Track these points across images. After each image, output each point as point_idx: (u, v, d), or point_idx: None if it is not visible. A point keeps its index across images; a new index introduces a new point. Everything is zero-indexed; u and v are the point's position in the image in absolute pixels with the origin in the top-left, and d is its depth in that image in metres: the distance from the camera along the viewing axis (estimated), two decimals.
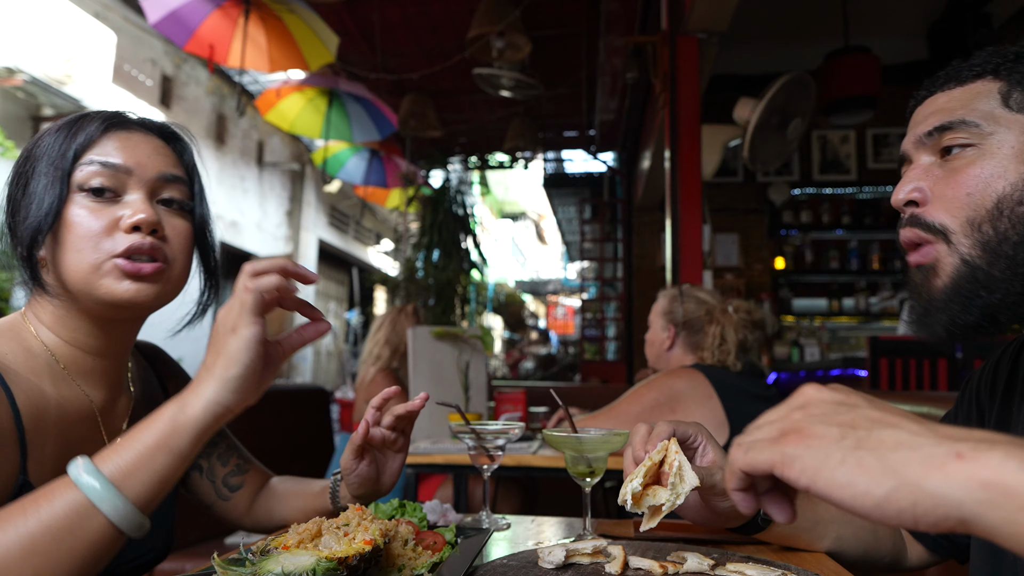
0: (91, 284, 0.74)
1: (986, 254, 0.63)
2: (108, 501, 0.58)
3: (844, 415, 0.43)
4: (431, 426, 2.06)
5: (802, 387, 0.49)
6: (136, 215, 0.75)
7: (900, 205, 0.70)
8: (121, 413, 0.85)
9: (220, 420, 0.64)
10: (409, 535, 0.72)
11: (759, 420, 0.49)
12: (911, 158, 0.71)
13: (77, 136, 0.76)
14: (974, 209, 0.64)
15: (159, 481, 0.61)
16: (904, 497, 0.38)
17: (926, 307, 0.67)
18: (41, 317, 0.79)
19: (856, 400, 0.45)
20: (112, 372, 0.83)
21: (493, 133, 6.86)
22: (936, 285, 0.66)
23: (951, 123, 0.66)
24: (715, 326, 1.68)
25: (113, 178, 0.76)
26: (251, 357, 0.64)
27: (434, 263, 6.47)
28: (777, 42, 5.19)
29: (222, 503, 0.99)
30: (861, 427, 0.42)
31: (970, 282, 0.63)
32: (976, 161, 0.64)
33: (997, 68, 0.66)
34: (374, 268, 11.34)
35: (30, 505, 0.57)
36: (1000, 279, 0.62)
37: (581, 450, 0.85)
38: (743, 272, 5.94)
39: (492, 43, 4.31)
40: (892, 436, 0.40)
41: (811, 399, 0.46)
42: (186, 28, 3.81)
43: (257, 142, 8.49)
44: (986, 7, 4.49)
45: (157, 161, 0.80)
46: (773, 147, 3.21)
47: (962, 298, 0.64)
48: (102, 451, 0.61)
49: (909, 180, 0.69)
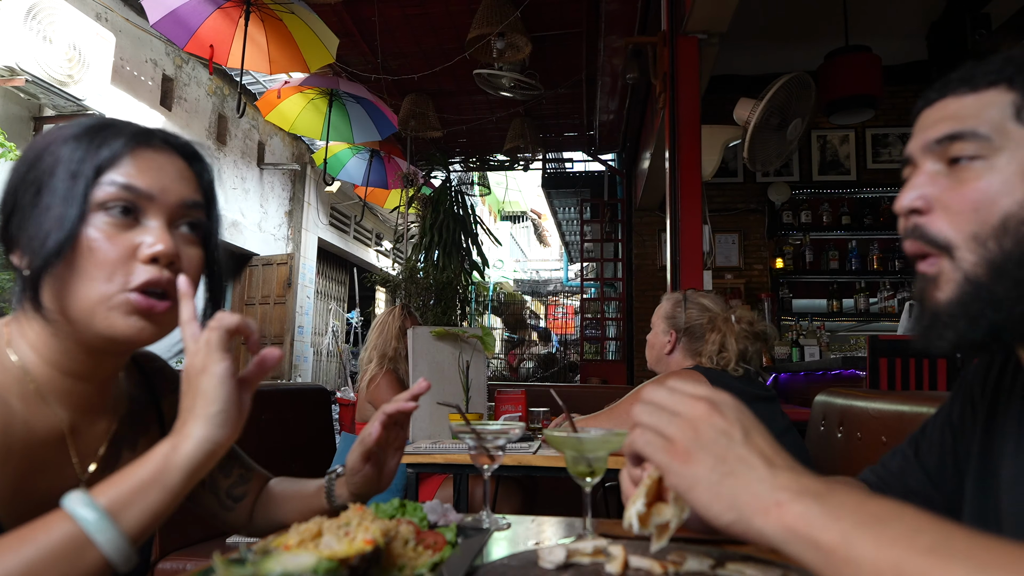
0: (95, 315, 0.71)
1: (990, 272, 0.61)
2: (103, 533, 0.58)
3: (722, 447, 0.53)
4: (431, 426, 2.06)
5: (706, 398, 0.57)
6: (155, 246, 0.72)
7: (903, 212, 0.68)
8: (100, 435, 0.82)
9: (212, 457, 0.64)
10: (410, 535, 0.72)
11: (668, 402, 0.58)
12: (916, 162, 0.70)
13: (100, 150, 0.73)
14: (979, 224, 0.62)
15: (152, 515, 0.61)
16: (740, 528, 0.50)
17: (932, 319, 0.66)
18: (24, 333, 0.75)
19: (735, 432, 0.54)
20: (92, 395, 0.79)
21: (493, 133, 6.86)
22: (939, 298, 0.65)
23: (962, 133, 0.64)
24: (716, 334, 1.68)
25: (135, 202, 0.73)
26: (228, 391, 0.65)
27: (434, 263, 6.47)
28: (777, 42, 5.19)
29: (225, 513, 0.99)
30: (729, 462, 0.52)
31: (975, 300, 0.62)
32: (984, 175, 0.63)
33: (1012, 78, 0.64)
34: (374, 268, 11.34)
35: (27, 535, 0.57)
36: (1004, 298, 0.61)
37: (581, 450, 0.85)
38: (743, 272, 5.94)
39: (492, 43, 4.31)
40: (746, 476, 0.51)
41: (704, 421, 0.55)
42: (186, 28, 3.81)
43: (258, 142, 8.50)
44: (985, 7, 4.49)
45: (180, 187, 0.77)
46: (773, 147, 3.21)
47: (968, 316, 0.63)
48: (98, 485, 0.61)
49: (914, 186, 0.68)
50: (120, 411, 0.85)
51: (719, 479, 0.51)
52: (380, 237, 12.24)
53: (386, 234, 12.27)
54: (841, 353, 5.14)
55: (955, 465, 0.83)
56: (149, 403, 0.92)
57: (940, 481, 0.85)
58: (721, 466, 0.51)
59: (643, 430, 0.57)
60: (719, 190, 5.88)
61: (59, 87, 4.95)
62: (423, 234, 6.64)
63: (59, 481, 0.77)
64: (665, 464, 0.54)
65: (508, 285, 15.73)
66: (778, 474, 0.50)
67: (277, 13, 3.83)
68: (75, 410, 0.78)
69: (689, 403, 0.57)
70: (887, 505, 0.47)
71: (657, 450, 0.55)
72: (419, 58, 5.32)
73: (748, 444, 0.53)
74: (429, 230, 6.58)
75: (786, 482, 0.50)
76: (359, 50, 5.25)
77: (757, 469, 0.51)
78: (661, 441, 0.55)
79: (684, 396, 0.58)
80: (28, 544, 0.56)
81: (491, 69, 4.70)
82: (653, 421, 0.57)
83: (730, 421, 0.55)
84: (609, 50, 5.00)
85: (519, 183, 16.72)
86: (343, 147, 5.99)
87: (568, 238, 12.15)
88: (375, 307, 10.80)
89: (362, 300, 10.33)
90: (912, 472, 0.89)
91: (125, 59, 6.10)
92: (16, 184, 0.74)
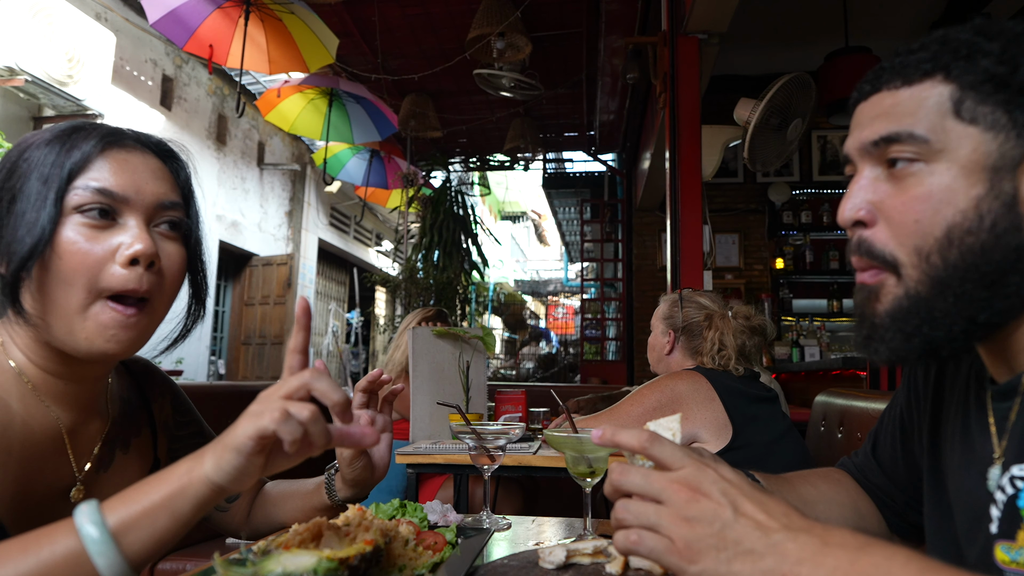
0: (74, 327, 0.71)
1: (933, 287, 0.59)
2: (104, 556, 0.56)
3: (716, 534, 0.52)
4: (432, 426, 2.06)
5: (682, 480, 0.56)
6: (134, 246, 0.71)
7: (847, 224, 0.65)
8: (94, 435, 0.81)
9: (223, 493, 0.60)
10: (410, 535, 0.72)
11: (647, 490, 0.56)
12: (855, 164, 0.67)
13: (71, 153, 0.72)
14: (922, 238, 0.59)
15: (156, 542, 0.59)
16: None
17: (869, 332, 0.64)
18: (13, 337, 0.75)
19: (724, 512, 0.53)
20: (85, 395, 0.79)
21: (493, 133, 6.86)
22: (877, 310, 0.63)
23: (898, 135, 0.61)
24: (713, 331, 1.68)
25: (111, 204, 0.73)
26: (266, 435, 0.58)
27: (434, 263, 6.48)
28: (777, 42, 5.19)
29: (219, 514, 0.98)
30: (728, 547, 0.52)
31: (912, 316, 0.60)
32: (924, 180, 0.60)
33: (948, 67, 0.60)
34: (374, 268, 11.34)
35: (32, 543, 0.56)
36: (942, 315, 0.59)
37: (581, 450, 0.85)
38: (743, 272, 5.94)
39: (492, 44, 4.32)
40: (748, 557, 0.51)
41: (692, 510, 0.54)
42: (186, 28, 3.81)
43: (258, 142, 8.50)
44: (986, 8, 4.49)
45: (155, 187, 0.76)
46: (773, 147, 3.21)
47: (903, 332, 0.61)
48: (110, 499, 0.59)
49: (855, 195, 0.65)
50: (112, 412, 0.85)
51: (726, 568, 0.51)
52: (380, 237, 12.24)
53: (386, 234, 12.27)
54: (841, 353, 5.13)
55: (906, 460, 0.83)
56: (140, 406, 0.92)
57: (895, 477, 0.86)
58: (723, 553, 0.51)
59: (637, 532, 0.55)
60: (719, 190, 5.88)
61: (59, 87, 4.96)
62: (423, 234, 6.65)
63: (57, 480, 0.77)
64: (675, 565, 0.53)
65: (508, 285, 15.74)
66: (776, 544, 0.50)
67: (277, 13, 3.83)
68: (70, 410, 0.78)
69: (669, 490, 0.55)
70: (876, 560, 0.47)
71: (663, 553, 0.54)
72: (419, 58, 5.32)
73: (740, 520, 0.52)
74: (429, 230, 6.59)
75: (784, 550, 0.50)
76: (359, 50, 5.25)
77: (756, 545, 0.51)
78: (663, 543, 0.54)
79: (659, 481, 0.56)
80: (30, 555, 0.55)
81: (491, 69, 4.70)
82: (642, 520, 0.55)
83: (715, 499, 0.53)
84: (609, 50, 5.00)
85: (519, 183, 16.74)
86: (343, 147, 5.98)
87: (568, 238, 12.16)
88: (375, 307, 10.80)
89: (362, 300, 10.32)
90: (871, 469, 0.89)
91: (125, 59, 6.10)
92: None
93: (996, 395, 0.64)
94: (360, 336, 9.37)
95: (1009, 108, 0.58)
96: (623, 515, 0.57)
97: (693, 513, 0.53)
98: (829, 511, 0.84)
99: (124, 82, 6.11)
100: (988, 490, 0.61)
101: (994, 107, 0.58)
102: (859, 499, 0.88)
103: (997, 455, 0.62)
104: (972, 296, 0.58)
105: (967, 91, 0.59)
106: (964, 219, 0.58)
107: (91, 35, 5.24)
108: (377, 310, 10.69)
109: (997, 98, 0.58)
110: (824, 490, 0.88)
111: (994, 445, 0.63)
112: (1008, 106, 0.58)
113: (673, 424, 0.70)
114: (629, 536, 0.56)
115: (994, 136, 0.58)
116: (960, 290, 0.58)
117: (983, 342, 0.64)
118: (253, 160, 8.37)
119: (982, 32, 0.60)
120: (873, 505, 0.88)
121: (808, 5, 4.64)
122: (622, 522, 0.57)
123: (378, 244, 12.12)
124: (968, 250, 0.58)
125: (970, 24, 0.62)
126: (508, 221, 18.83)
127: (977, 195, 0.58)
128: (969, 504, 0.64)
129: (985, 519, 0.61)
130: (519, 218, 19.46)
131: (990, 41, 0.59)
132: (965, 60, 0.59)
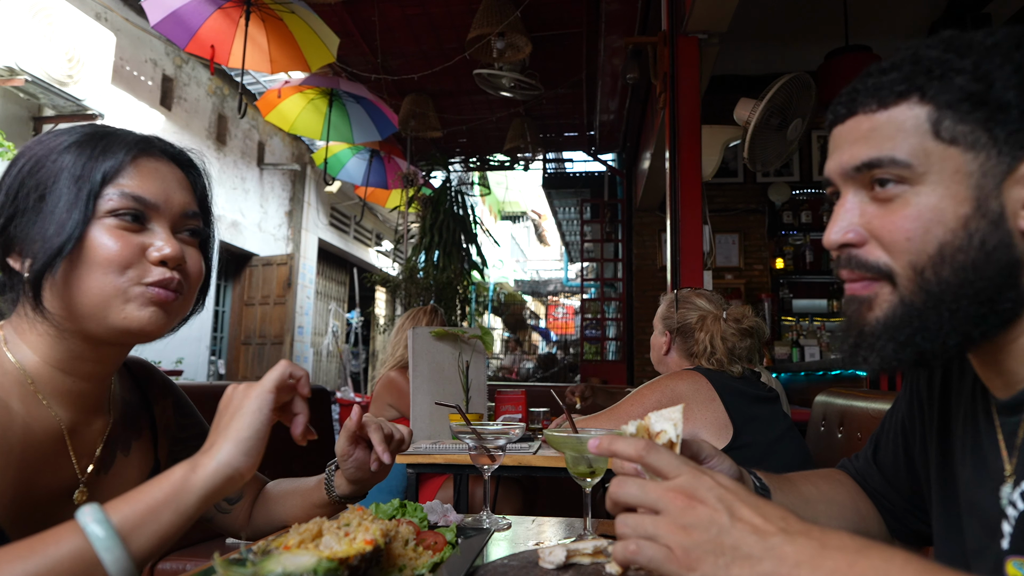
0: (110, 307, 0.74)
1: (928, 300, 0.59)
2: (110, 552, 0.57)
3: (713, 540, 0.53)
4: (431, 426, 2.06)
5: (678, 488, 0.56)
6: (164, 249, 0.76)
7: (834, 247, 0.65)
8: (96, 435, 0.82)
9: (230, 483, 0.65)
10: (410, 535, 0.72)
11: (643, 500, 0.57)
12: (838, 188, 0.66)
13: (104, 159, 0.75)
14: (916, 255, 0.59)
15: (161, 538, 0.61)
16: None
17: (858, 339, 0.63)
18: (23, 335, 0.76)
19: (720, 517, 0.53)
20: (90, 394, 0.81)
21: (493, 133, 6.86)
22: (869, 319, 0.63)
23: (879, 160, 0.60)
24: (704, 334, 1.68)
25: (143, 211, 0.77)
26: (262, 423, 0.68)
27: (434, 263, 6.47)
28: (777, 42, 5.19)
29: (221, 516, 0.99)
30: (726, 552, 0.52)
31: (907, 325, 0.60)
32: (911, 201, 0.59)
33: (923, 88, 0.59)
34: (374, 268, 11.34)
35: (38, 544, 0.57)
36: (937, 328, 0.59)
37: (582, 450, 0.85)
38: (743, 272, 5.94)
39: (492, 43, 4.31)
40: (746, 562, 0.51)
41: (688, 517, 0.54)
42: (187, 29, 3.81)
43: (258, 142, 8.50)
44: (986, 7, 4.49)
45: (181, 196, 0.81)
46: (773, 148, 3.20)
47: (897, 341, 0.60)
48: (113, 500, 0.61)
49: (841, 219, 0.64)
50: (115, 413, 0.86)
51: (725, 573, 0.51)
52: (380, 237, 12.24)
53: (386, 234, 12.27)
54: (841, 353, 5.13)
55: (907, 466, 0.83)
56: (142, 407, 0.92)
57: (896, 482, 0.85)
58: (721, 559, 0.52)
59: (635, 542, 0.56)
60: (719, 190, 5.88)
61: (59, 87, 4.96)
62: (423, 234, 6.65)
63: (58, 481, 0.77)
64: (675, 573, 0.54)
65: (508, 285, 15.73)
66: (774, 547, 0.51)
67: (277, 13, 3.83)
68: (73, 410, 0.79)
69: (665, 498, 0.55)
70: (875, 563, 0.47)
71: (662, 562, 0.54)
72: (419, 58, 5.32)
73: (736, 525, 0.52)
74: (429, 230, 6.59)
75: (781, 553, 0.50)
76: (359, 50, 5.25)
77: (753, 550, 0.51)
78: (662, 552, 0.54)
79: (656, 491, 0.56)
80: (37, 555, 0.56)
81: (491, 69, 4.70)
82: (640, 531, 0.56)
83: (711, 506, 0.54)
84: (609, 50, 5.00)
85: (519, 183, 16.73)
86: (343, 147, 5.98)
87: (568, 238, 12.16)
88: (375, 307, 10.80)
89: (362, 300, 10.32)
90: (872, 474, 0.89)
91: (125, 59, 6.10)
92: (16, 189, 0.75)
93: (1002, 409, 0.64)
94: (360, 336, 9.37)
95: (988, 126, 0.57)
96: (622, 529, 0.57)
97: (690, 520, 0.54)
98: (830, 511, 0.84)
99: (124, 82, 6.11)
100: (1001, 507, 0.61)
101: (973, 126, 0.57)
102: (860, 500, 0.89)
103: (1008, 472, 0.62)
104: (967, 312, 0.58)
105: (944, 111, 0.58)
106: (954, 238, 0.58)
107: (91, 35, 5.24)
108: (377, 310, 10.69)
109: (975, 116, 0.57)
110: (825, 490, 0.88)
111: (1004, 462, 0.63)
112: (987, 124, 0.57)
113: (675, 415, 0.69)
114: (628, 547, 0.56)
115: (975, 156, 0.58)
116: (955, 306, 0.58)
117: (976, 354, 0.64)
118: (253, 160, 8.37)
119: (952, 48, 0.59)
120: (874, 507, 0.88)
121: (808, 5, 4.64)
122: (622, 536, 0.57)
123: (378, 244, 12.12)
124: (960, 267, 0.58)
125: (939, 39, 0.61)
126: (508, 221, 18.84)
127: (965, 214, 0.58)
128: (981, 520, 0.64)
129: (997, 535, 0.61)
130: (519, 218, 19.46)
131: (962, 58, 0.58)
132: (939, 80, 0.59)
